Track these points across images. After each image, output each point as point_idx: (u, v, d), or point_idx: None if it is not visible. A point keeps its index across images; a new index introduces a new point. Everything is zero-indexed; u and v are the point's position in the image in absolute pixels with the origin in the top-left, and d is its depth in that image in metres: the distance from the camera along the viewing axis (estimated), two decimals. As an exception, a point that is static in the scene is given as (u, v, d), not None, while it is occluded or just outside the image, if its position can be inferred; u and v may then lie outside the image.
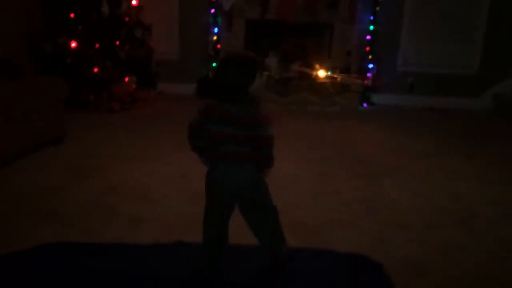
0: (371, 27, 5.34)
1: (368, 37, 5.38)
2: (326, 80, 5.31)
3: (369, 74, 5.41)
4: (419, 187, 2.99)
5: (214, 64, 5.39)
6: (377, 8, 5.30)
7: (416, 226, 2.45)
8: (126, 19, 4.62)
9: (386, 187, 2.98)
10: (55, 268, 1.89)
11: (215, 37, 5.42)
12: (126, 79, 4.58)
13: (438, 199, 2.82)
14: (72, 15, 4.37)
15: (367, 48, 5.40)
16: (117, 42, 4.51)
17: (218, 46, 5.45)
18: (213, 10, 5.36)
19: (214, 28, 5.41)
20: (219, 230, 1.84)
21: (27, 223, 2.27)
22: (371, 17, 5.33)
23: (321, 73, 5.33)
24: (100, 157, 3.24)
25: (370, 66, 5.41)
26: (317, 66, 5.34)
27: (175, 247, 2.09)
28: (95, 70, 4.36)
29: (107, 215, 2.39)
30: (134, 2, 4.71)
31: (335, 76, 5.31)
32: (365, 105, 5.39)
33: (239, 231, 1.91)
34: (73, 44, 4.32)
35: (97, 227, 2.27)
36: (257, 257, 1.95)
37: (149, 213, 2.44)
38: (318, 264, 2.07)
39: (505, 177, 3.25)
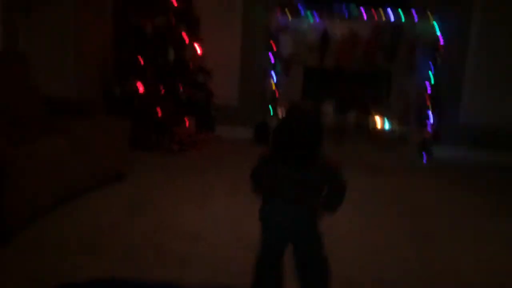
0: (431, 78, 5.26)
1: (428, 87, 5.29)
2: (383, 131, 5.24)
3: (429, 126, 5.28)
4: (481, 249, 2.81)
5: (271, 108, 5.50)
6: (438, 58, 5.24)
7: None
8: (190, 65, 4.87)
9: (444, 247, 2.82)
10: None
11: (274, 84, 5.56)
12: (187, 122, 4.77)
13: (502, 262, 2.64)
14: (141, 61, 4.67)
15: (427, 99, 5.30)
16: (181, 87, 4.74)
17: (277, 92, 5.58)
18: (272, 58, 5.53)
19: (273, 74, 5.55)
20: (277, 269, 1.81)
21: (80, 257, 2.37)
22: (432, 68, 5.26)
23: (379, 123, 5.27)
24: (157, 196, 3.35)
25: (430, 117, 5.28)
26: (375, 115, 5.30)
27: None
28: (159, 112, 4.58)
29: (157, 254, 2.45)
30: (198, 51, 4.96)
31: (393, 126, 5.23)
32: (424, 158, 5.23)
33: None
34: (141, 88, 4.59)
35: (146, 265, 2.33)
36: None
37: (198, 254, 2.47)
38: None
39: None
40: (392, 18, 5.26)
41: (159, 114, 4.54)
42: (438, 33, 5.20)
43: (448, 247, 2.82)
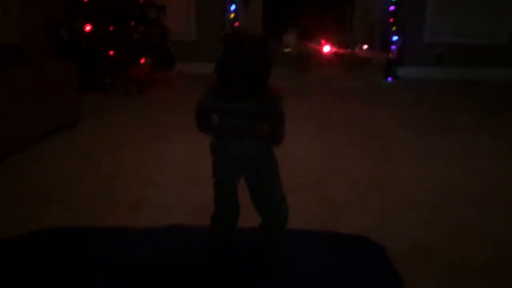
0: (394, -2, 5.09)
1: (391, 8, 5.13)
2: (348, 54, 5.12)
3: (393, 47, 5.18)
4: (434, 165, 2.85)
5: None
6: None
7: (425, 206, 2.33)
8: (140, 0, 4.58)
9: (399, 165, 2.85)
10: (48, 252, 1.90)
11: (232, 15, 5.32)
12: (142, 60, 4.56)
13: (452, 177, 2.68)
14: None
15: (391, 20, 5.15)
16: (132, 24, 4.49)
17: (236, 24, 5.35)
18: (229, -13, 5.25)
19: (231, 5, 5.30)
20: (233, 198, 1.82)
21: (30, 208, 2.30)
22: (394, -13, 5.07)
23: (343, 47, 5.15)
24: (111, 141, 3.24)
25: (394, 38, 5.17)
26: (339, 40, 5.16)
27: (170, 230, 2.07)
28: (110, 53, 4.36)
29: (110, 200, 2.39)
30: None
31: (356, 50, 5.12)
32: (389, 79, 5.18)
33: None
34: (88, 28, 4.34)
35: (99, 212, 2.27)
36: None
37: (152, 197, 2.42)
38: (319, 246, 2.01)
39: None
40: None
41: (110, 54, 4.33)
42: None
43: (401, 165, 2.84)
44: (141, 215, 2.25)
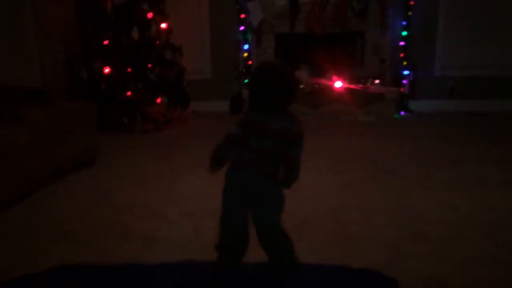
0: (404, 33, 5.19)
1: (402, 43, 5.22)
2: (359, 90, 5.20)
3: (404, 81, 5.24)
4: (447, 197, 2.83)
5: (246, 81, 5.41)
6: (409, 13, 5.15)
7: (439, 238, 2.31)
8: (157, 42, 4.76)
9: (412, 198, 2.84)
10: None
11: (246, 54, 5.48)
12: (159, 100, 4.70)
13: (466, 209, 2.65)
14: (105, 42, 4.57)
15: (401, 54, 5.24)
16: (149, 65, 4.66)
17: (249, 62, 5.50)
18: (242, 27, 5.43)
19: (244, 45, 5.46)
20: (239, 227, 1.84)
21: (45, 245, 2.34)
22: (404, 22, 5.18)
23: (354, 83, 5.23)
24: (126, 177, 3.32)
25: (406, 72, 5.24)
26: (349, 76, 5.25)
27: (184, 266, 2.09)
28: (128, 93, 4.52)
29: (124, 235, 2.43)
30: (163, 26, 4.85)
31: (368, 85, 5.19)
32: (402, 113, 5.22)
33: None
34: (107, 70, 4.51)
35: (113, 247, 2.31)
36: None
37: (165, 232, 2.45)
38: (331, 281, 2.00)
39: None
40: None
41: (128, 95, 4.48)
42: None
43: (414, 198, 2.83)
44: (155, 250, 2.27)
